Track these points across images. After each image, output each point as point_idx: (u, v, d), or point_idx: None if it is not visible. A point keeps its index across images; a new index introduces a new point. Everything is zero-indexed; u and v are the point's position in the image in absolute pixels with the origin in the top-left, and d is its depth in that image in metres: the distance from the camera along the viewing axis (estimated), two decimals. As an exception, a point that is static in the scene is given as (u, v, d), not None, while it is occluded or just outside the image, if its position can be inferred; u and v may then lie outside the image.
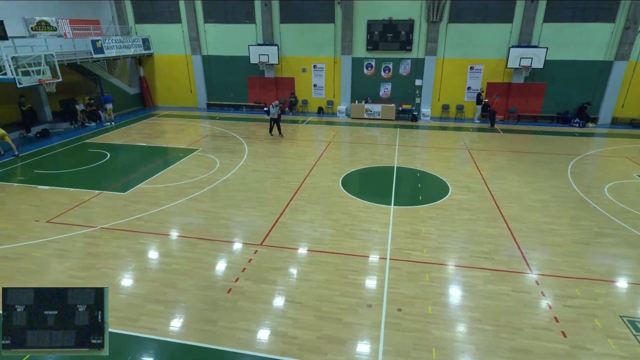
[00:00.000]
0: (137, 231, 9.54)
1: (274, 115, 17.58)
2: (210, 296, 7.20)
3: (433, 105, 21.94)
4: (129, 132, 19.27)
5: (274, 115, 17.58)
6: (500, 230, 9.66)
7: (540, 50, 19.12)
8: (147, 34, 23.55)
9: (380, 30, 20.85)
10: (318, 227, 9.80)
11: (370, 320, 6.63)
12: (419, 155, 15.82)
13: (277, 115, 17.63)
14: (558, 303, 7.07)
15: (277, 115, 17.65)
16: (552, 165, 14.32)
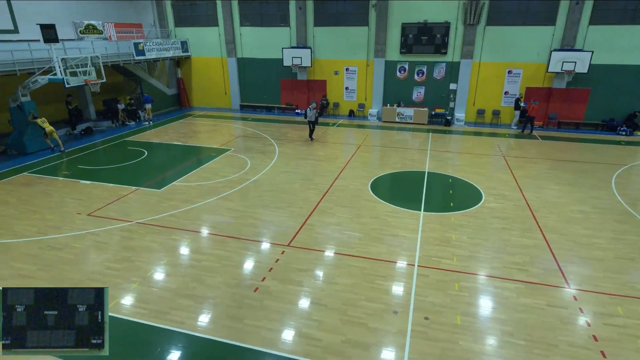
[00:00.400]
0: (170, 227, 9.84)
1: (311, 118, 17.36)
2: (238, 294, 7.30)
3: (468, 109, 21.37)
4: (166, 131, 19.96)
5: (311, 118, 17.36)
6: (536, 241, 9.26)
7: (585, 54, 18.22)
8: (186, 36, 24.40)
9: (414, 33, 20.57)
10: (346, 230, 9.75)
11: (395, 327, 6.52)
12: (452, 160, 15.45)
13: (314, 118, 17.43)
14: (597, 321, 6.70)
15: (315, 118, 17.47)
16: (595, 175, 13.59)
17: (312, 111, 17.16)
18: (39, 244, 9.08)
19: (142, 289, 7.47)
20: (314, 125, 17.69)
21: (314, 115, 17.28)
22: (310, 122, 17.57)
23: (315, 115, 17.33)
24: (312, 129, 17.83)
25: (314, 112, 17.24)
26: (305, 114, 17.62)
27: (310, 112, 17.22)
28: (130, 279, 7.76)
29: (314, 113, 17.23)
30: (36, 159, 15.16)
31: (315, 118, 17.43)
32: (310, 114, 17.25)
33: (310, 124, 17.68)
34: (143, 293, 7.37)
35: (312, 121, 17.48)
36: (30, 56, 15.09)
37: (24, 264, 8.31)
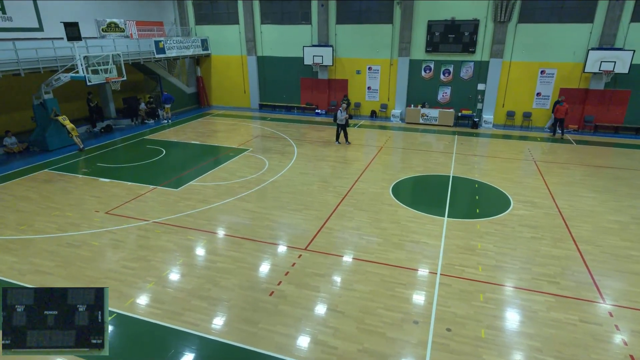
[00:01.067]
0: (186, 227, 9.81)
1: (341, 121, 16.55)
2: (253, 297, 7.20)
3: (497, 111, 20.61)
4: (184, 130, 20.13)
5: (341, 121, 16.55)
6: (568, 252, 8.73)
7: (626, 54, 17.22)
8: (206, 34, 24.58)
9: (441, 31, 20.00)
10: (365, 235, 9.49)
11: (415, 338, 6.28)
12: (478, 164, 14.89)
13: (345, 121, 16.62)
14: (636, 340, 6.25)
15: (345, 121, 16.66)
16: (634, 183, 12.80)
17: (343, 113, 16.43)
18: (58, 240, 9.20)
19: (157, 289, 7.45)
20: (344, 128, 16.87)
21: (344, 118, 16.53)
22: (339, 125, 16.78)
23: (346, 117, 16.55)
24: (344, 132, 17.01)
25: (344, 114, 16.50)
26: (335, 117, 16.73)
27: (340, 114, 16.44)
28: (145, 279, 7.75)
29: (344, 115, 16.50)
30: (58, 156, 15.48)
31: (346, 120, 16.63)
32: (341, 117, 16.47)
33: (340, 127, 16.90)
34: (158, 293, 7.35)
35: (341, 124, 16.71)
36: (54, 54, 15.42)
37: (43, 259, 8.42)
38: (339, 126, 16.82)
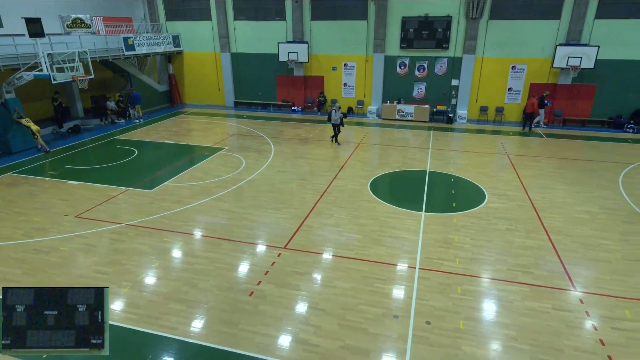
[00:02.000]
0: (161, 229, 9.57)
1: (336, 120, 16.10)
2: (232, 298, 7.10)
3: (470, 106, 21.03)
4: (157, 129, 19.63)
5: (336, 120, 16.10)
6: (541, 243, 9.00)
7: (591, 49, 17.86)
8: (178, 31, 23.99)
9: (415, 27, 20.21)
10: (344, 232, 9.50)
11: (396, 332, 6.34)
12: (454, 159, 15.16)
13: (339, 121, 16.15)
14: (605, 325, 6.51)
15: (340, 120, 16.17)
16: (602, 174, 13.32)
17: (337, 112, 16.00)
18: (25, 247, 8.80)
19: (132, 293, 7.25)
20: (339, 128, 16.40)
21: (339, 117, 16.05)
22: (334, 125, 16.28)
23: (340, 116, 16.09)
24: (338, 132, 16.55)
25: (339, 114, 16.06)
26: (329, 116, 16.30)
27: (335, 113, 16.00)
28: (120, 283, 7.52)
29: (339, 115, 16.04)
30: (22, 159, 14.81)
31: (340, 120, 16.15)
32: (335, 116, 16.01)
33: (335, 127, 16.39)
34: (134, 297, 7.15)
35: (336, 124, 16.21)
36: (15, 51, 14.69)
37: (9, 267, 8.05)
38: (334, 126, 16.40)
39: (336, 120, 16.11)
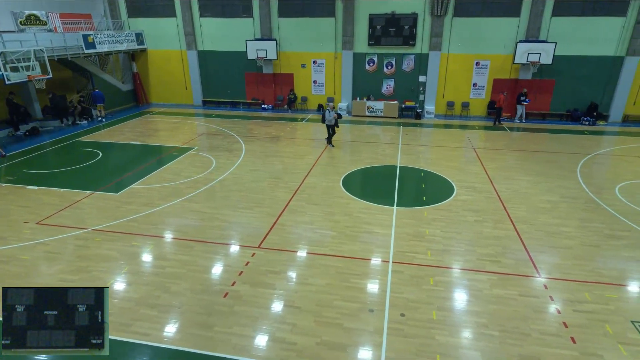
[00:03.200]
0: (130, 233, 9.28)
1: (330, 121, 15.50)
2: (206, 300, 6.99)
3: (437, 102, 21.55)
4: (122, 130, 18.96)
5: (330, 121, 15.50)
6: (507, 232, 9.37)
7: (549, 46, 18.71)
8: (141, 28, 23.18)
9: (382, 24, 20.47)
10: (318, 229, 9.53)
11: (372, 326, 6.43)
12: (423, 154, 15.50)
13: (334, 121, 15.55)
14: (567, 308, 6.84)
15: (335, 121, 15.55)
16: (562, 165, 13.99)
17: (331, 112, 15.42)
18: (-19, 257, 8.29)
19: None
20: (333, 129, 15.80)
21: (333, 118, 15.45)
22: (329, 126, 15.69)
23: (335, 117, 15.47)
24: (332, 134, 15.95)
25: (334, 114, 15.46)
26: (323, 117, 15.74)
27: (329, 114, 15.45)
28: (86, 291, 7.18)
29: (333, 115, 15.44)
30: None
31: (335, 121, 15.54)
32: (330, 117, 15.43)
33: (330, 128, 15.78)
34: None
35: (331, 125, 15.62)
36: (-36, 50, 13.77)
37: (-37, 280, 7.53)
38: (329, 127, 15.83)
39: (330, 121, 15.55)
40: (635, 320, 6.50)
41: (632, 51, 18.64)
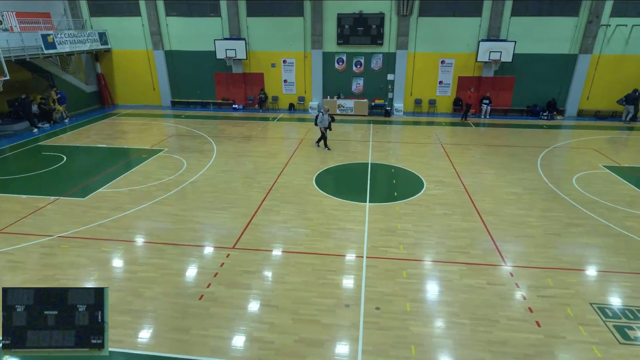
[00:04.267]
0: (98, 238, 9.00)
1: (323, 124, 15.01)
2: (181, 304, 6.89)
3: (406, 100, 22.01)
4: (87, 132, 18.29)
5: (323, 124, 15.01)
6: (475, 224, 9.73)
7: (509, 44, 19.51)
8: (104, 28, 22.38)
9: (350, 24, 20.69)
10: (292, 227, 9.57)
11: (348, 321, 6.53)
12: (393, 150, 15.81)
13: (327, 124, 15.07)
14: (532, 294, 7.18)
15: (328, 124, 15.09)
16: (523, 158, 14.64)
17: (325, 115, 14.93)
18: (-63, 270, 7.82)
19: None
20: (326, 131, 15.36)
21: (327, 120, 15.00)
22: (324, 128, 15.21)
23: (328, 120, 15.01)
24: (325, 137, 15.47)
25: (327, 117, 14.97)
26: (316, 120, 15.22)
27: (322, 116, 14.94)
28: (54, 300, 6.93)
29: (327, 118, 14.95)
30: None
31: (328, 123, 15.08)
32: (323, 120, 14.96)
33: (323, 131, 15.33)
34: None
35: (325, 127, 15.16)
36: None
37: None
38: (322, 129, 15.32)
39: (323, 124, 15.08)
40: (593, 302, 6.91)
41: (584, 49, 19.75)
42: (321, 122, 15.03)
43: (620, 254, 8.42)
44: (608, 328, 6.33)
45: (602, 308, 6.79)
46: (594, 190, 11.66)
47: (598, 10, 18.92)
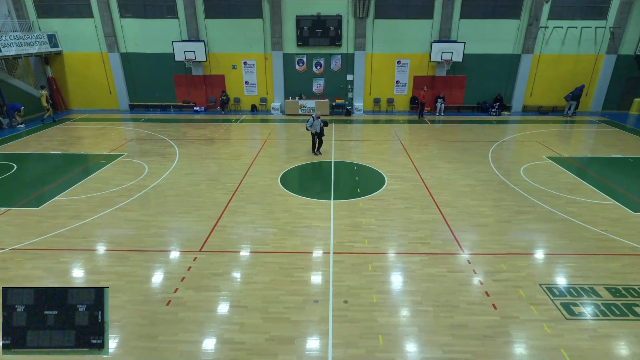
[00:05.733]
0: (56, 249, 8.64)
1: (315, 128, 14.55)
2: (148, 310, 6.77)
3: (365, 99, 22.57)
4: (39, 139, 17.34)
5: (315, 128, 14.55)
6: (434, 216, 10.19)
7: (459, 45, 20.50)
8: (53, 29, 21.29)
9: (309, 25, 20.92)
10: (259, 227, 9.62)
11: (318, 316, 6.66)
12: (355, 148, 16.17)
13: (320, 129, 14.60)
14: (488, 279, 7.62)
15: (320, 129, 14.61)
16: (476, 152, 15.45)
17: (317, 120, 14.45)
18: None
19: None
20: (319, 137, 14.88)
21: (319, 125, 14.55)
22: (315, 133, 14.76)
23: (320, 125, 14.56)
24: (319, 142, 14.99)
25: (319, 122, 14.50)
26: (307, 124, 14.72)
27: (313, 121, 14.46)
28: (11, 316, 6.62)
29: (319, 123, 14.49)
30: None
31: (320, 128, 14.61)
32: (314, 124, 14.48)
33: (315, 136, 14.89)
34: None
35: (317, 132, 14.72)
36: None
37: None
38: (314, 135, 14.85)
39: (315, 128, 14.58)
40: (542, 283, 7.45)
41: (526, 49, 21.16)
42: (312, 127, 14.59)
43: (564, 238, 9.14)
44: (556, 306, 6.86)
45: (550, 288, 7.34)
46: (539, 180, 12.52)
47: (537, 13, 20.30)
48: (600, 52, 21.33)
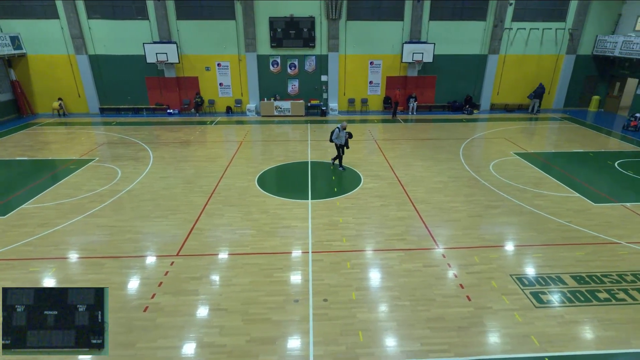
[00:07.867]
0: (25, 258, 8.35)
1: (340, 140, 13.33)
2: (125, 318, 6.66)
3: (340, 99, 22.78)
4: (4, 145, 16.65)
5: (340, 140, 13.33)
6: (410, 213, 10.43)
7: (429, 46, 21.00)
8: (16, 31, 20.43)
9: (282, 27, 20.93)
10: (237, 229, 9.58)
11: (298, 315, 6.72)
12: (331, 148, 16.23)
13: (344, 141, 13.36)
14: (462, 271, 7.89)
15: (345, 141, 13.38)
16: (448, 149, 15.89)
17: (343, 132, 13.24)
18: None
19: (-3, 338, 6.21)
20: (343, 150, 13.64)
21: (343, 137, 13.30)
22: (340, 146, 13.47)
23: (346, 136, 13.32)
24: (342, 155, 13.70)
25: (345, 133, 13.27)
26: (331, 135, 13.49)
27: (339, 132, 13.26)
28: (-22, 329, 6.36)
29: (344, 134, 13.27)
30: None
31: (345, 140, 13.37)
32: (340, 136, 13.28)
33: (340, 148, 13.57)
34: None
35: (341, 145, 13.46)
36: None
37: None
38: (339, 147, 13.54)
39: (340, 140, 13.37)
40: (513, 274, 7.78)
41: (492, 50, 21.96)
42: (337, 139, 13.38)
43: (532, 230, 9.56)
44: (526, 295, 7.19)
45: (520, 278, 7.68)
46: (507, 175, 13.02)
47: (502, 15, 21.07)
48: (561, 53, 22.34)
